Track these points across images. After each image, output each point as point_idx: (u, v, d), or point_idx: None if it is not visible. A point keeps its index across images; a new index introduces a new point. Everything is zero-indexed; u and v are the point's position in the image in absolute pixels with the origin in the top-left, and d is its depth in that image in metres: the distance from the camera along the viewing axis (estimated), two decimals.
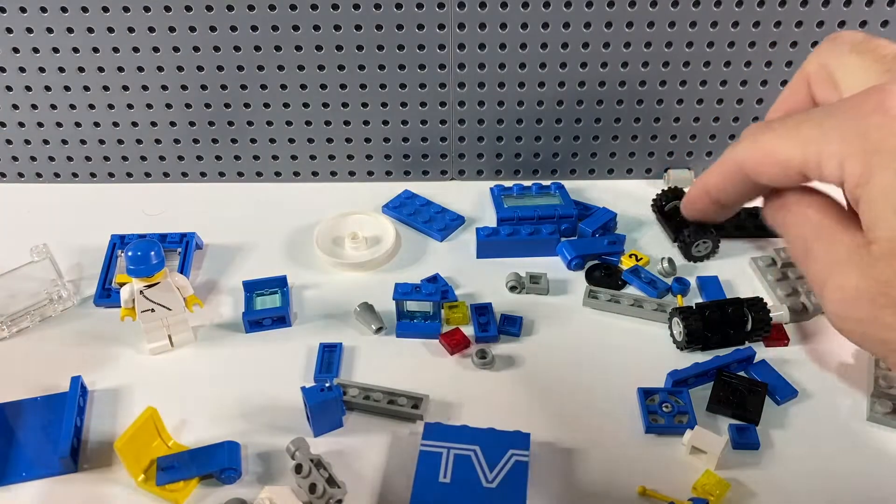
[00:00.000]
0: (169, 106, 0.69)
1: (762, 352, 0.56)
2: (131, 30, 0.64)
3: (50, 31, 0.65)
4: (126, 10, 0.63)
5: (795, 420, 0.51)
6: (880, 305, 0.23)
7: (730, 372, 0.53)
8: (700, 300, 0.60)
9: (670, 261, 0.62)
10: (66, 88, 0.68)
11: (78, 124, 0.71)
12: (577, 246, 0.64)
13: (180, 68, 0.67)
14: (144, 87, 0.68)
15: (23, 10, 0.63)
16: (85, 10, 0.63)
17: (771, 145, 0.26)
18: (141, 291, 0.53)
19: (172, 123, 0.71)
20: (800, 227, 0.27)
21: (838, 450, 0.49)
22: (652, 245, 0.66)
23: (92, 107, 0.69)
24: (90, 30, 0.64)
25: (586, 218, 0.67)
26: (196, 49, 0.66)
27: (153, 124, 0.71)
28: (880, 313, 0.23)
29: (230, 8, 0.63)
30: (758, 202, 0.29)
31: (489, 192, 0.71)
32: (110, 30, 0.65)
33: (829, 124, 0.24)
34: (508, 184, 0.71)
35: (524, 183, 0.71)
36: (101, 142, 0.72)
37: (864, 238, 0.24)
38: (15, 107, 0.69)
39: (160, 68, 0.67)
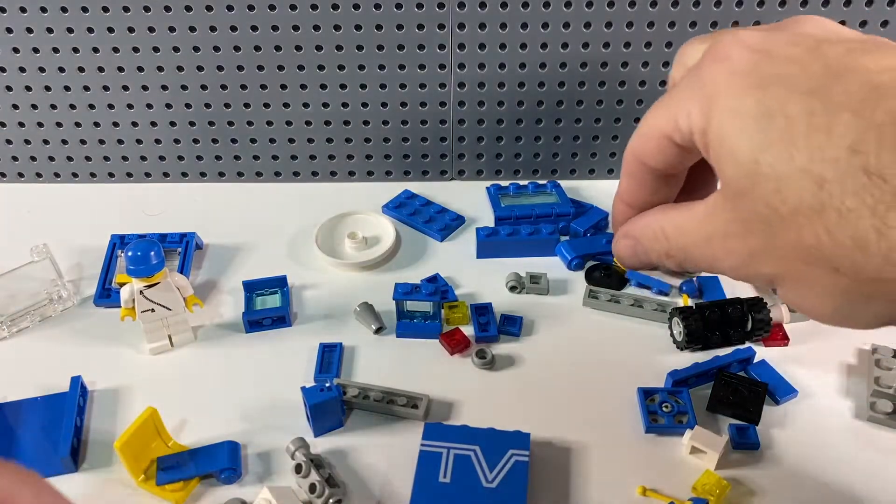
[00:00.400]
0: (169, 106, 0.69)
1: (762, 352, 0.56)
2: (131, 30, 0.64)
3: (50, 31, 0.65)
4: (126, 9, 0.63)
5: (795, 420, 0.51)
6: (750, 244, 0.24)
7: (730, 372, 0.53)
8: (700, 300, 0.60)
9: None
10: (66, 88, 0.68)
11: (78, 124, 0.71)
12: (576, 246, 0.64)
13: (180, 68, 0.67)
14: (144, 87, 0.68)
15: (23, 9, 0.63)
16: (85, 9, 0.63)
17: (647, 124, 0.27)
18: (141, 291, 0.53)
19: (172, 123, 0.71)
20: (652, 230, 0.28)
21: (838, 450, 0.49)
22: None
23: (92, 107, 0.69)
24: (90, 30, 0.64)
25: (579, 217, 0.67)
26: (196, 49, 0.66)
27: (153, 124, 0.71)
28: (753, 250, 0.24)
29: (230, 8, 0.63)
30: None
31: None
32: (110, 30, 0.65)
33: (680, 85, 0.26)
34: (505, 183, 0.71)
35: (520, 182, 0.71)
36: (101, 142, 0.72)
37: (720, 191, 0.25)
38: (15, 107, 0.69)
39: (160, 68, 0.67)
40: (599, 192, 0.72)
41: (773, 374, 0.53)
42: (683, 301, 0.60)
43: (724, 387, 0.52)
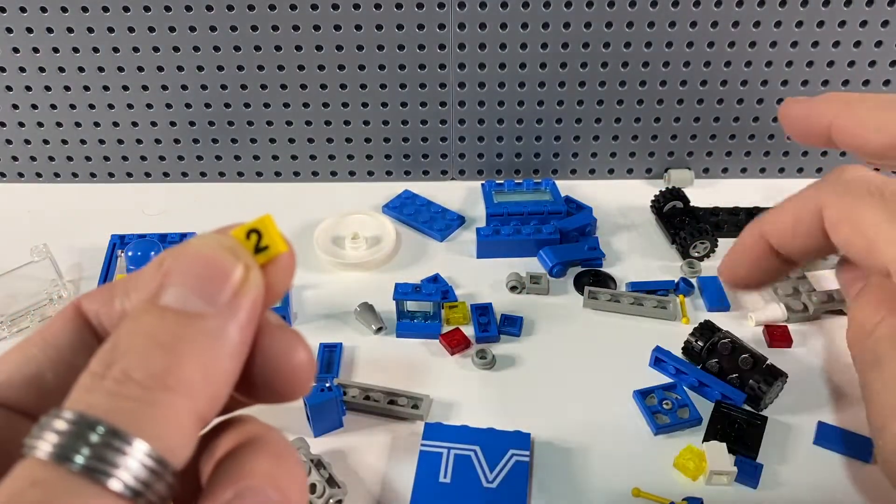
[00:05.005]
0: (169, 106, 0.69)
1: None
2: (131, 29, 0.64)
3: (50, 30, 0.65)
4: (126, 9, 0.63)
5: (796, 454, 0.51)
6: None
7: (728, 404, 0.50)
8: (701, 301, 0.60)
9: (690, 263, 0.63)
10: (66, 88, 0.68)
11: (78, 124, 0.71)
12: (557, 252, 0.63)
13: (180, 68, 0.67)
14: (144, 87, 0.68)
15: (23, 9, 0.63)
16: (85, 9, 0.63)
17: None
18: None
19: (172, 123, 0.71)
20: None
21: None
22: (648, 246, 0.66)
23: (92, 107, 0.69)
24: (90, 30, 0.64)
25: (567, 217, 0.66)
26: (196, 49, 0.66)
27: (153, 124, 0.71)
28: None
29: (230, 8, 0.63)
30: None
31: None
32: (110, 30, 0.65)
33: None
34: (501, 180, 0.71)
35: (516, 179, 0.71)
36: (101, 142, 0.72)
37: None
38: (15, 107, 0.69)
39: (160, 68, 0.67)
40: (600, 191, 0.72)
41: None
42: (681, 301, 0.59)
43: (722, 418, 0.50)
